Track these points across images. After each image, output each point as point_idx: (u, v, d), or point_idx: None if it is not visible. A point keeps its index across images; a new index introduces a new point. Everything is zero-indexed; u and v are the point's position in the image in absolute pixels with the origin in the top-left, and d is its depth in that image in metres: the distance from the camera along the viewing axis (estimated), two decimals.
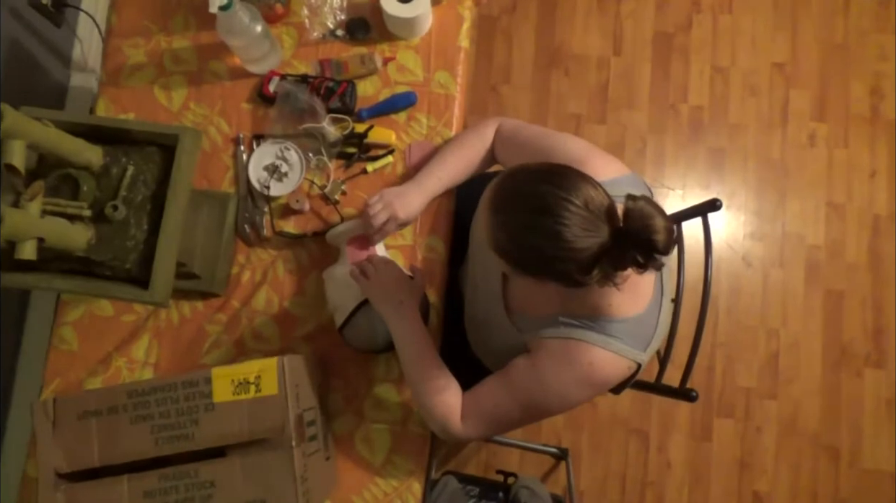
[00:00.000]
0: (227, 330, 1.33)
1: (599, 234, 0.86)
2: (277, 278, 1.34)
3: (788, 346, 2.14)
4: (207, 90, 1.41)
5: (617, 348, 1.01)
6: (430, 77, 1.40)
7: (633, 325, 1.03)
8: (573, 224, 0.85)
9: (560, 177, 0.89)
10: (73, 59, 2.10)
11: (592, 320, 1.02)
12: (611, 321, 1.01)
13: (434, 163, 1.29)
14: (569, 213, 0.85)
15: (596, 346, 1.01)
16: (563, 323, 1.04)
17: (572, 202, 0.85)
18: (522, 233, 0.88)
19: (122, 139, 1.08)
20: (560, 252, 0.86)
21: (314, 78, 1.37)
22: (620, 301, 1.01)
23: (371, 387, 1.32)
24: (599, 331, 1.01)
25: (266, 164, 1.34)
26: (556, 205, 0.85)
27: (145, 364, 1.33)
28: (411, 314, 1.16)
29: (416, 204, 1.26)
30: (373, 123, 1.37)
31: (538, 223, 0.86)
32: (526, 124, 1.26)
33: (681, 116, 2.25)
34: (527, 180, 0.90)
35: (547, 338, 1.05)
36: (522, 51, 2.30)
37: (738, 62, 2.28)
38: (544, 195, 0.87)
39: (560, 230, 0.85)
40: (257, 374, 1.04)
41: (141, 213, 1.06)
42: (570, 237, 0.85)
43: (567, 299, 1.04)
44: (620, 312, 1.02)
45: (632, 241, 0.85)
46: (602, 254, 0.86)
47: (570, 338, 1.03)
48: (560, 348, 1.03)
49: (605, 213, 0.87)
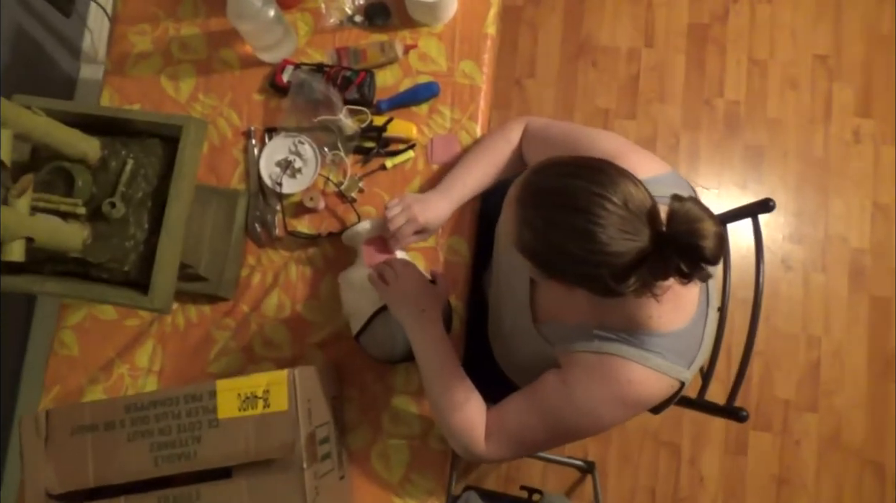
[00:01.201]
0: (235, 336, 1.25)
1: (639, 238, 0.77)
2: (290, 281, 1.26)
3: (830, 355, 2.02)
4: (217, 80, 1.33)
5: (657, 365, 0.92)
6: (454, 66, 1.31)
7: (675, 340, 0.93)
8: (609, 224, 0.76)
9: (596, 171, 0.79)
10: (83, 50, 2.04)
11: (630, 334, 0.93)
12: (650, 335, 0.92)
13: (458, 168, 1.21)
14: (605, 211, 0.76)
15: (634, 363, 0.92)
16: (598, 336, 0.95)
17: (609, 199, 0.77)
18: (550, 231, 0.79)
19: (121, 130, 0.99)
20: (592, 255, 0.77)
21: (330, 67, 1.29)
22: (661, 313, 0.92)
23: (389, 399, 1.23)
24: (638, 345, 0.92)
25: (278, 158, 1.26)
26: (590, 202, 0.77)
27: (149, 371, 1.25)
28: (433, 324, 1.07)
29: (440, 211, 1.17)
30: (392, 116, 1.28)
31: (568, 221, 0.78)
32: (555, 121, 1.17)
33: (716, 111, 2.14)
34: (558, 174, 0.81)
35: (580, 351, 0.96)
36: (548, 42, 2.20)
37: (777, 54, 2.16)
38: (577, 191, 0.78)
39: (593, 231, 0.76)
40: (266, 388, 0.95)
41: (141, 210, 0.97)
42: (604, 239, 0.76)
43: (601, 309, 0.95)
44: (661, 326, 0.92)
45: (676, 246, 0.76)
46: (641, 261, 0.77)
47: (606, 352, 0.93)
48: (594, 363, 0.94)
49: (647, 214, 0.78)
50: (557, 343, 1.01)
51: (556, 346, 1.01)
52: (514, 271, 1.11)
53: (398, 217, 1.13)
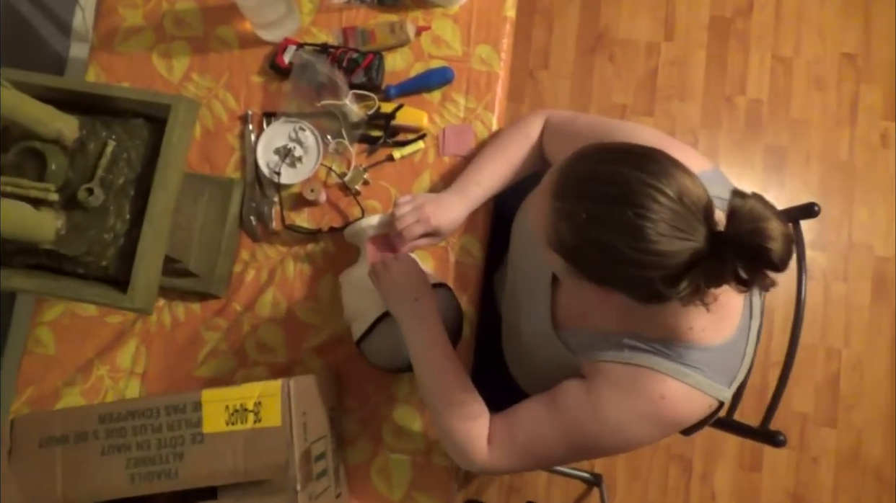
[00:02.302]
0: (226, 337, 1.16)
1: (694, 237, 0.68)
2: (286, 279, 1.16)
3: (851, 368, 1.93)
4: (213, 59, 1.23)
5: (696, 382, 0.83)
6: (470, 51, 1.21)
7: (716, 355, 0.84)
8: (661, 220, 0.67)
9: (647, 159, 0.70)
10: (74, 28, 1.93)
11: (666, 345, 0.83)
12: (689, 348, 0.83)
13: (473, 167, 1.11)
14: (657, 205, 0.67)
15: (670, 378, 0.83)
16: (629, 346, 0.86)
17: (662, 192, 0.68)
18: (593, 226, 0.70)
19: (103, 108, 0.89)
20: (640, 255, 0.68)
21: (336, 48, 1.19)
22: (704, 324, 0.82)
23: (391, 410, 1.13)
24: (675, 359, 0.83)
25: (277, 146, 1.16)
26: (640, 193, 0.67)
27: (131, 373, 1.16)
28: (429, 314, 0.98)
29: (454, 213, 1.07)
30: (402, 103, 1.18)
31: (615, 215, 0.68)
32: (579, 114, 1.08)
33: (737, 110, 2.04)
34: (604, 160, 0.72)
35: (607, 361, 0.87)
36: (564, 33, 2.10)
37: (802, 52, 2.06)
38: (626, 180, 0.69)
39: (643, 226, 0.67)
40: (257, 401, 0.85)
41: (122, 198, 0.87)
42: (653, 236, 0.67)
43: (634, 316, 0.85)
44: (702, 339, 0.83)
45: (736, 249, 0.67)
46: (694, 264, 0.68)
47: (639, 364, 0.84)
48: (624, 375, 0.85)
49: (703, 210, 0.69)
50: (581, 351, 0.92)
51: (579, 355, 0.92)
52: (534, 272, 1.01)
53: (408, 216, 1.04)
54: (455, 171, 1.17)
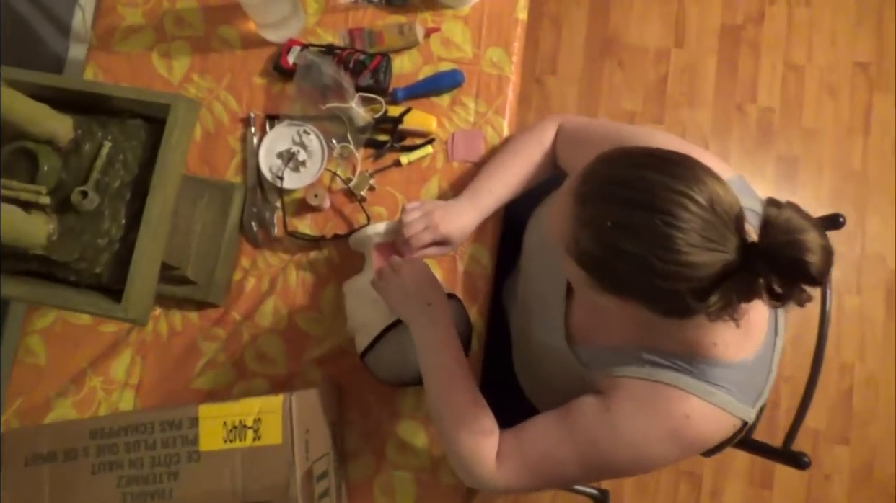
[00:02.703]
0: (225, 347, 1.11)
1: (725, 248, 0.64)
2: (288, 288, 1.12)
3: (864, 383, 1.88)
4: (215, 60, 1.19)
5: (721, 401, 0.79)
6: (480, 54, 1.17)
7: (741, 373, 0.80)
8: (690, 228, 0.63)
9: (676, 164, 0.67)
10: (73, 28, 1.89)
11: (688, 361, 0.79)
12: (713, 365, 0.78)
13: (484, 174, 1.07)
14: (687, 213, 0.63)
15: (695, 396, 0.79)
16: (648, 361, 0.81)
17: (693, 199, 0.64)
18: (617, 234, 0.66)
19: (98, 108, 0.85)
20: (668, 266, 0.64)
21: (342, 49, 1.15)
22: (729, 340, 0.78)
23: (395, 425, 1.09)
24: (699, 376, 0.79)
25: (280, 150, 1.12)
26: (669, 199, 0.64)
27: (125, 385, 1.11)
28: (441, 320, 0.93)
29: (465, 221, 1.03)
30: (410, 106, 1.14)
31: (642, 222, 0.64)
32: (594, 119, 1.04)
33: (748, 118, 2.01)
34: (631, 165, 0.68)
35: (627, 377, 0.82)
36: (572, 39, 2.06)
37: (815, 60, 2.03)
38: (654, 185, 0.65)
39: (672, 235, 0.63)
40: (257, 417, 0.81)
41: (118, 202, 0.83)
42: (683, 247, 0.63)
43: (654, 330, 0.81)
44: (727, 355, 0.79)
45: (772, 262, 0.63)
46: (725, 277, 0.64)
47: (660, 381, 0.80)
48: (645, 392, 0.81)
49: (735, 220, 0.65)
50: (596, 366, 0.88)
51: (595, 370, 0.87)
52: (548, 282, 0.97)
53: (416, 222, 1.00)
54: (465, 177, 1.13)
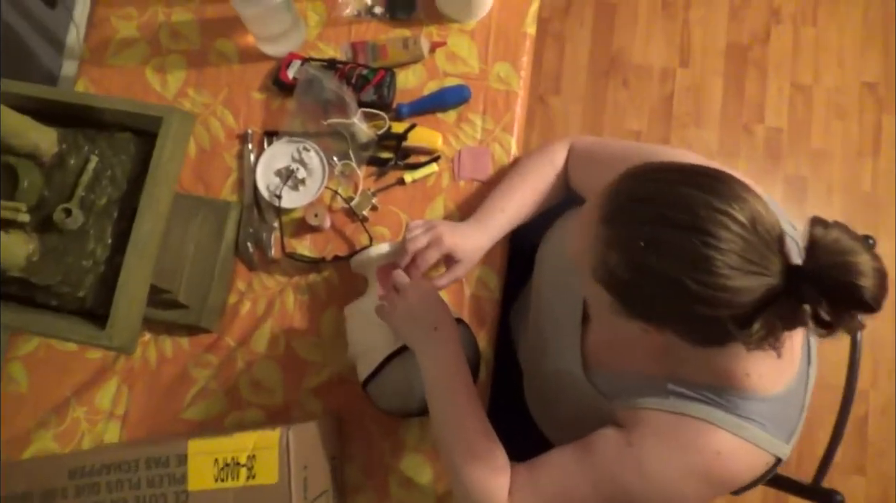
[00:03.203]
0: (217, 375, 1.05)
1: (768, 271, 0.59)
2: (286, 312, 1.06)
3: (879, 412, 1.82)
4: (211, 74, 1.14)
5: (755, 437, 0.73)
6: (487, 69, 1.13)
7: (775, 406, 0.74)
8: (730, 250, 0.58)
9: (713, 180, 0.62)
10: (67, 45, 1.85)
11: (719, 393, 0.74)
12: (747, 398, 0.73)
13: (495, 195, 1.01)
14: (727, 233, 0.58)
15: (725, 431, 0.73)
16: (675, 392, 0.76)
17: (733, 218, 0.59)
18: (651, 256, 0.61)
19: (86, 120, 0.80)
20: (706, 291, 0.59)
21: (344, 64, 1.11)
22: (763, 370, 0.73)
23: (399, 459, 1.02)
24: (731, 410, 0.73)
25: (279, 167, 1.07)
26: (708, 218, 0.59)
27: (111, 415, 1.05)
28: (449, 346, 0.87)
29: (475, 243, 0.97)
30: (415, 122, 1.10)
31: (679, 243, 0.59)
32: (608, 139, 1.00)
33: (755, 139, 1.97)
34: (664, 181, 0.63)
35: (650, 408, 0.77)
36: (576, 57, 2.03)
37: (822, 80, 2.00)
38: (692, 203, 0.60)
39: (711, 257, 0.58)
40: (251, 453, 0.75)
41: (104, 220, 0.77)
42: (723, 270, 0.58)
43: (681, 359, 0.76)
44: (761, 387, 0.73)
45: (820, 286, 0.58)
46: (768, 302, 0.59)
47: (688, 414, 0.74)
48: (671, 425, 0.75)
49: (777, 240, 0.60)
50: (615, 396, 0.82)
51: (614, 400, 0.82)
52: (562, 306, 0.92)
53: (419, 238, 0.94)
54: (471, 196, 1.08)
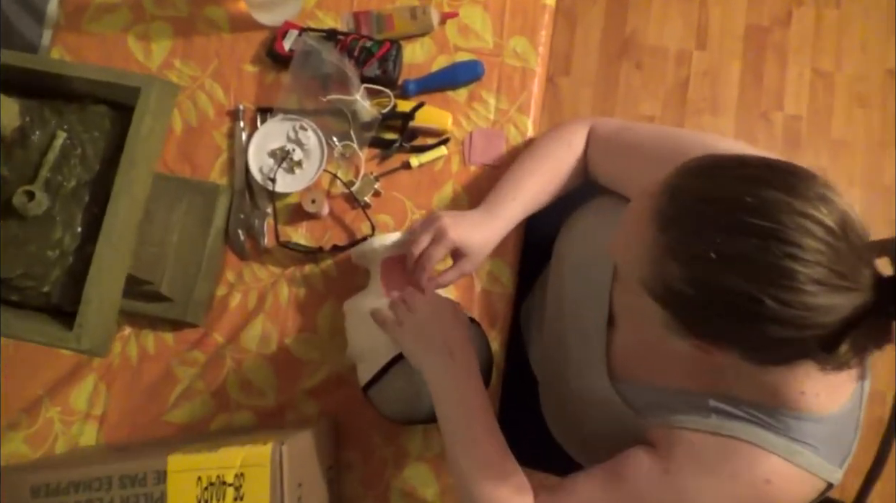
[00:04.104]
0: (204, 374, 0.97)
1: (859, 285, 0.51)
2: (279, 306, 0.98)
3: None
4: (200, 44, 1.05)
5: (808, 462, 0.65)
6: (503, 44, 1.04)
7: (830, 428, 0.66)
8: (817, 262, 0.50)
9: (794, 177, 0.53)
10: (47, 14, 1.73)
11: (768, 413, 0.66)
12: (800, 418, 0.65)
13: (507, 180, 0.91)
14: (814, 241, 0.50)
15: (776, 456, 0.65)
16: (717, 410, 0.68)
17: (820, 222, 0.50)
18: (723, 271, 0.52)
19: (54, 91, 0.70)
20: (785, 309, 0.50)
21: (346, 35, 1.01)
22: (819, 388, 0.65)
23: (401, 468, 0.95)
24: (783, 432, 0.65)
25: (273, 147, 0.98)
26: (793, 224, 0.50)
27: (87, 416, 0.96)
28: (465, 374, 0.79)
29: (484, 234, 0.86)
30: (422, 101, 1.00)
31: (756, 254, 0.51)
32: (635, 123, 0.91)
33: (774, 127, 1.88)
34: (735, 178, 0.54)
35: (689, 429, 0.69)
36: (587, 38, 1.93)
37: (844, 67, 1.91)
38: (772, 206, 0.51)
39: (794, 270, 0.50)
40: (239, 471, 0.66)
41: (73, 205, 0.68)
42: (807, 285, 0.50)
43: (727, 372, 0.68)
44: (816, 406, 0.65)
45: None
46: (856, 321, 0.51)
47: (734, 436, 0.66)
48: (716, 450, 0.67)
49: (868, 248, 0.52)
50: (647, 411, 0.74)
51: (646, 415, 0.74)
52: (584, 307, 0.84)
53: (422, 236, 0.84)
54: (483, 182, 0.99)
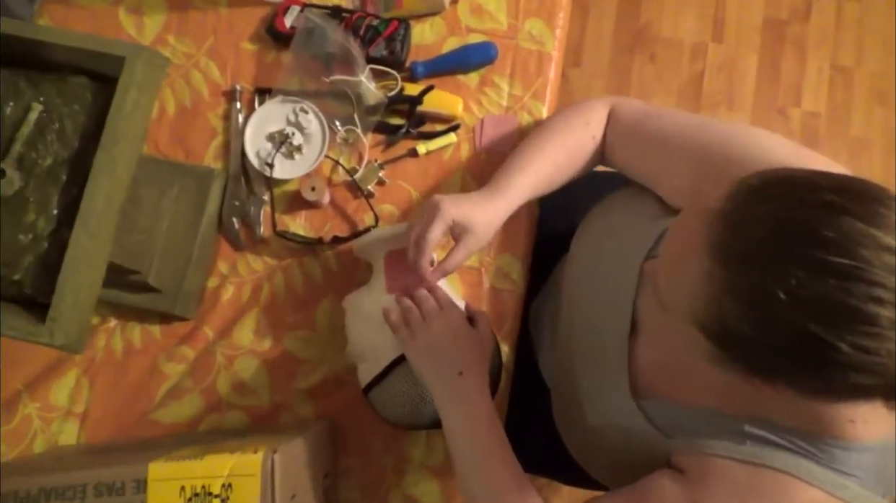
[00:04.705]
0: (193, 372, 0.91)
1: None
2: (275, 300, 0.92)
3: None
4: (195, 19, 0.99)
5: (854, 496, 0.58)
6: (518, 25, 0.97)
7: (876, 457, 0.60)
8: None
9: (875, 202, 0.46)
10: None
11: (812, 441, 0.59)
12: (847, 448, 0.58)
13: (515, 157, 0.83)
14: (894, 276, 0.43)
15: (820, 490, 0.58)
16: (753, 436, 0.61)
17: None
18: (790, 311, 0.45)
19: (30, 60, 0.64)
20: (864, 357, 0.44)
21: (351, 12, 0.95)
22: (870, 415, 0.59)
23: (402, 475, 0.89)
24: (828, 463, 0.59)
25: (271, 131, 0.92)
26: (875, 261, 0.43)
27: (67, 414, 0.90)
28: (476, 393, 0.74)
29: (487, 212, 0.78)
30: (432, 84, 0.94)
31: (833, 297, 0.44)
32: (657, 108, 0.82)
33: (791, 123, 1.82)
34: (806, 205, 0.46)
35: (722, 456, 0.62)
36: (600, 29, 1.87)
37: (865, 62, 1.85)
38: (850, 240, 0.44)
39: (877, 315, 0.43)
40: (226, 481, 0.60)
41: (49, 185, 0.62)
42: (888, 329, 0.43)
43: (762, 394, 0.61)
44: (866, 434, 0.59)
45: None
46: None
47: (771, 466, 0.60)
48: (752, 482, 0.60)
49: None
50: (675, 432, 0.67)
51: (674, 437, 0.67)
52: (603, 314, 0.77)
53: (417, 223, 0.76)
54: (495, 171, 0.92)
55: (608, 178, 0.87)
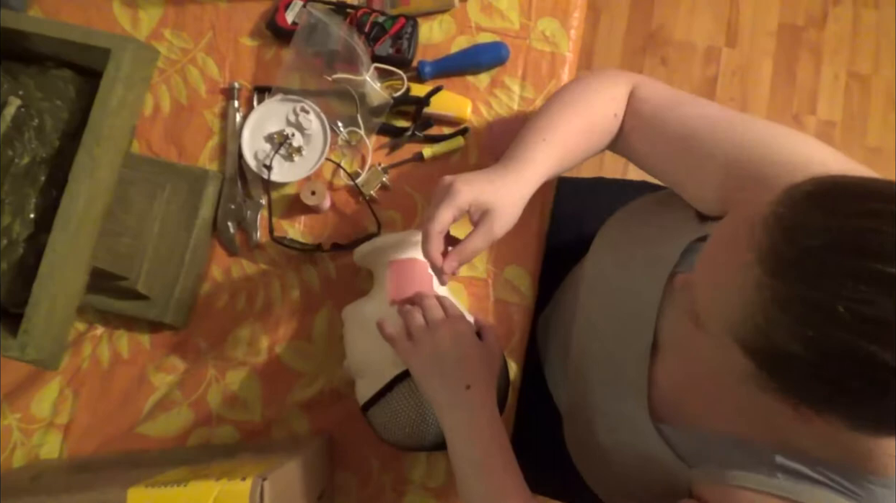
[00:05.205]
0: (183, 383, 0.87)
1: None
2: (271, 309, 0.88)
3: None
4: (193, 13, 0.95)
5: None
6: (530, 25, 0.93)
7: None
8: None
9: None
10: None
11: (848, 476, 0.55)
12: (885, 485, 0.54)
13: (536, 127, 0.73)
14: None
15: None
16: (785, 468, 0.56)
17: None
18: (847, 330, 0.41)
19: (9, 51, 0.60)
20: None
21: (356, 8, 0.91)
22: None
23: (401, 495, 0.86)
24: (863, 500, 0.54)
25: (270, 131, 0.88)
26: None
27: (50, 425, 0.86)
28: (482, 409, 0.69)
29: (508, 190, 0.68)
30: (439, 85, 0.90)
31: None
32: (684, 95, 0.74)
33: (806, 131, 1.76)
34: (866, 215, 0.42)
35: (749, 488, 0.57)
36: (612, 30, 1.83)
37: (882, 70, 1.81)
38: None
39: None
40: None
41: (26, 186, 0.57)
42: None
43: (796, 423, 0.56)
44: None
45: None
46: None
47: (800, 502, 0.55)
48: None
49: None
50: (696, 460, 0.63)
51: (696, 465, 0.63)
52: (620, 331, 0.72)
53: (429, 208, 0.69)
54: None
55: (623, 187, 0.83)
